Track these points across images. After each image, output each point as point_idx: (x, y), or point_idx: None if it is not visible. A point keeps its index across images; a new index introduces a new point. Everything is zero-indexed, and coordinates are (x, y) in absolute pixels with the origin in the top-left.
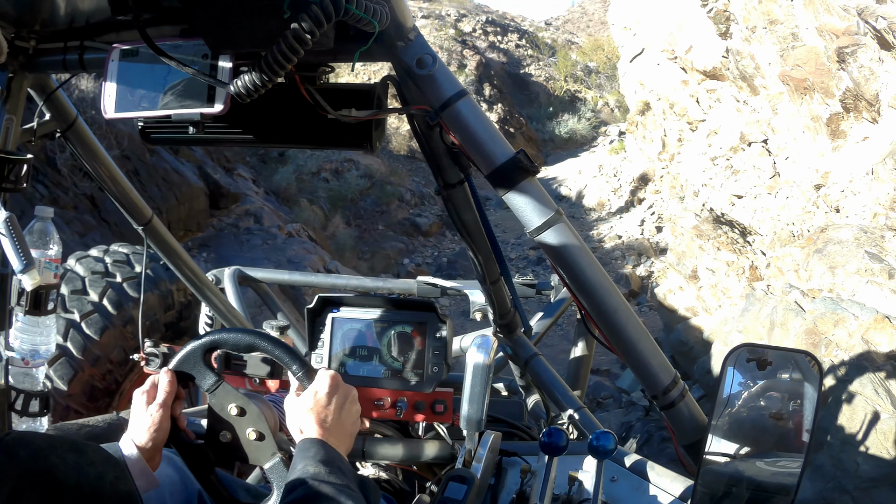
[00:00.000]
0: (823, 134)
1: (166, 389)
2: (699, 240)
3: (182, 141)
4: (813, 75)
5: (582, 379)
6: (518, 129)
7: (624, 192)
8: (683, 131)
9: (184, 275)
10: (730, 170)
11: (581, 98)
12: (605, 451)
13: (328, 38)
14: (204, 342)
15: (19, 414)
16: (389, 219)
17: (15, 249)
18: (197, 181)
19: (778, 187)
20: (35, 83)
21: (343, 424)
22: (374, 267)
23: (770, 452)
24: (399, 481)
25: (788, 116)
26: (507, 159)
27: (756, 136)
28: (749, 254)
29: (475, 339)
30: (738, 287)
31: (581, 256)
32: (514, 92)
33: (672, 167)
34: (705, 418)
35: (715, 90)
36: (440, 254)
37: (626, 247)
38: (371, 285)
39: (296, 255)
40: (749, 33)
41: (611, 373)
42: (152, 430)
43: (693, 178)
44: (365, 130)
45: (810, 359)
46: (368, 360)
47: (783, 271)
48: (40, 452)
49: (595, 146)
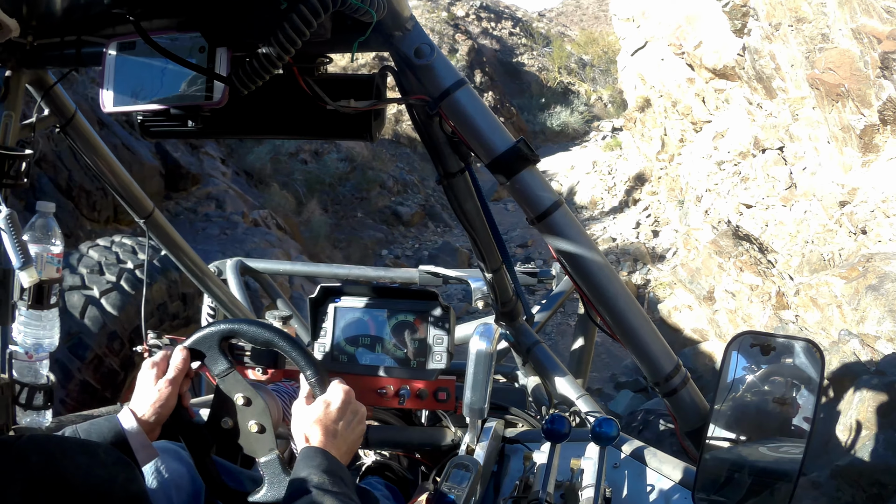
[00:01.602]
0: (853, 146)
1: (178, 366)
2: (718, 257)
3: (181, 134)
4: (848, 81)
5: (584, 366)
6: (508, 119)
7: (618, 192)
8: (686, 131)
9: (186, 267)
10: (738, 176)
11: (574, 91)
12: (607, 438)
13: (326, 29)
14: (223, 329)
15: (23, 407)
16: (369, 206)
17: (14, 247)
18: (151, 159)
19: (794, 200)
20: (33, 79)
21: (347, 440)
22: (350, 257)
23: (772, 438)
24: (402, 469)
25: (811, 124)
26: (508, 148)
27: (771, 142)
28: (775, 277)
29: (477, 327)
30: (762, 315)
31: (582, 244)
32: (505, 80)
33: (671, 168)
34: (707, 405)
35: (724, 90)
36: (421, 246)
37: (620, 251)
38: (373, 274)
39: (256, 247)
40: (771, 31)
41: (603, 393)
42: (157, 404)
43: (695, 181)
44: (364, 121)
45: (812, 346)
46: (371, 349)
47: (818, 304)
48: (51, 457)
49: (587, 141)
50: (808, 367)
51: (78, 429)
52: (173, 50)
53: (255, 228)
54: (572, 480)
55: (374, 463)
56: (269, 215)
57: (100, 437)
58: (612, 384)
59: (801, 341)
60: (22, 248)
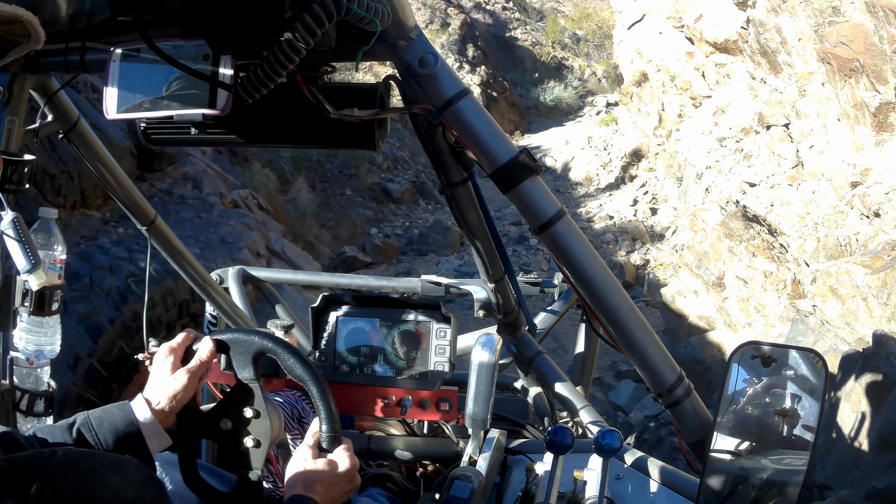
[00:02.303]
0: (866, 124)
1: (203, 358)
2: (728, 240)
3: (184, 142)
4: (863, 56)
5: (586, 377)
6: (501, 94)
7: (614, 168)
8: (685, 106)
9: (188, 275)
10: (740, 153)
11: (568, 66)
12: (610, 450)
13: (330, 38)
14: (265, 345)
15: (24, 414)
16: (358, 183)
17: (23, 249)
18: (122, 139)
19: (801, 179)
20: (37, 84)
21: (334, 502)
22: (339, 236)
23: (775, 450)
24: (404, 480)
25: (820, 100)
26: (510, 158)
27: (777, 118)
28: (790, 264)
29: (480, 338)
30: (777, 305)
31: (585, 254)
32: (498, 55)
33: (669, 144)
34: (710, 416)
35: (725, 64)
36: (412, 224)
37: (618, 230)
38: (375, 284)
39: (232, 231)
40: (778, 2)
41: (603, 382)
42: (174, 394)
43: (695, 158)
44: (367, 130)
45: (816, 356)
46: (373, 360)
47: (839, 295)
48: (83, 479)
49: (581, 116)
50: (810, 378)
51: (90, 416)
52: (177, 57)
53: (232, 210)
54: (575, 492)
55: (376, 473)
56: (249, 195)
57: (112, 426)
58: (612, 373)
59: (802, 351)
60: (31, 250)
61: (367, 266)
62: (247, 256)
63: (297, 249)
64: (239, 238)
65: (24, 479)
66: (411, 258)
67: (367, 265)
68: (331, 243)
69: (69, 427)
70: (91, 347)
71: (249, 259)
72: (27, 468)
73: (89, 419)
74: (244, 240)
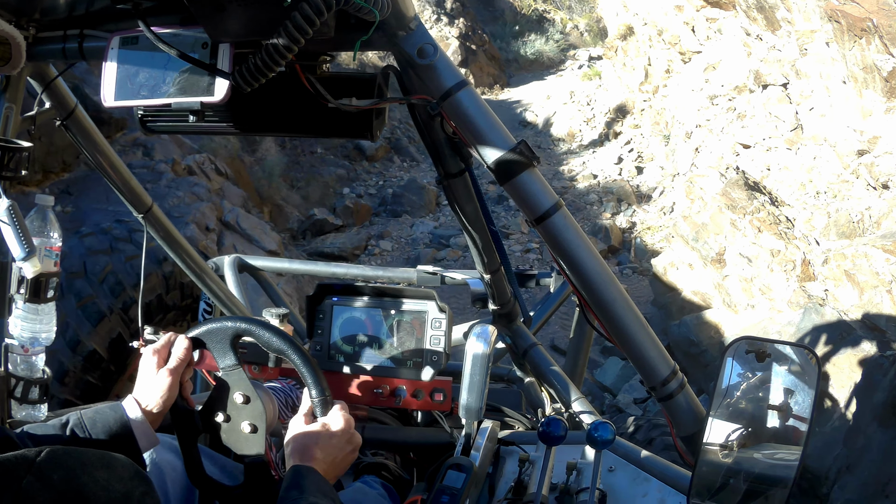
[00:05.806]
0: (876, 89)
1: (180, 356)
2: (730, 212)
3: (182, 130)
4: (876, 15)
5: (580, 368)
6: (480, 47)
7: (598, 124)
8: (673, 62)
9: (184, 263)
10: (733, 112)
11: (549, 19)
12: (603, 441)
13: (329, 27)
14: (238, 327)
15: (18, 401)
16: (329, 140)
17: (17, 237)
18: None
19: (801, 143)
20: (34, 72)
21: (338, 467)
22: (309, 197)
23: (768, 444)
24: (398, 469)
25: (823, 60)
26: (508, 150)
27: (774, 77)
28: (799, 241)
29: (474, 329)
30: (785, 288)
31: (581, 247)
32: (477, 7)
33: (656, 101)
34: (703, 410)
35: (716, 19)
36: (385, 183)
37: (602, 189)
38: (371, 274)
39: (179, 203)
40: None
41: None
42: (160, 394)
43: (683, 116)
44: (365, 120)
45: (809, 353)
46: (367, 349)
47: (856, 281)
48: (72, 473)
49: (563, 70)
50: (803, 374)
51: (82, 415)
52: (176, 45)
53: (182, 179)
54: (567, 483)
55: (370, 462)
56: (207, 160)
57: (104, 425)
58: (598, 348)
59: (796, 348)
60: (26, 237)
61: (337, 230)
62: (193, 232)
63: (254, 220)
64: (186, 211)
65: (14, 475)
66: (384, 220)
67: (338, 228)
68: (300, 205)
69: (62, 426)
70: (90, 330)
71: (197, 235)
72: (17, 465)
73: (82, 419)
74: (192, 213)
